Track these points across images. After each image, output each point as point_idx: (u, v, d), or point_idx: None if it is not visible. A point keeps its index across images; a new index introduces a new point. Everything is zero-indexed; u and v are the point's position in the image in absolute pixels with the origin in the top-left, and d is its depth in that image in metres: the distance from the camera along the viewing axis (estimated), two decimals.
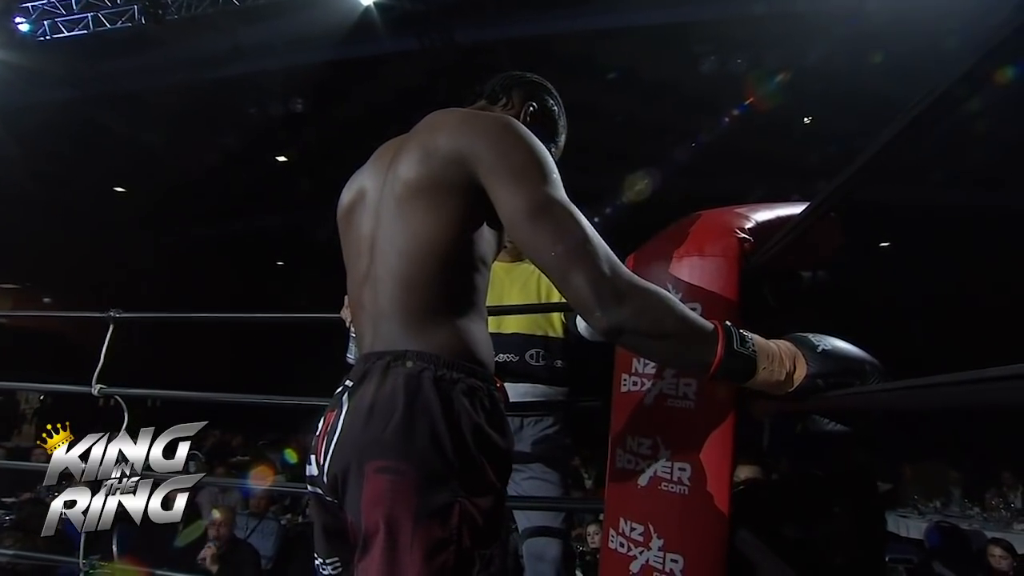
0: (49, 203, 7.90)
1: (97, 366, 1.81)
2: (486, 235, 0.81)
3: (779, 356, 0.76)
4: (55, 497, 1.45)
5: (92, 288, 8.21)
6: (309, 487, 0.82)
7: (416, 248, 0.76)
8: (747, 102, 5.81)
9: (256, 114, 6.60)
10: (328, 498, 0.77)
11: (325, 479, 0.76)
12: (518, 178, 0.74)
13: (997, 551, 3.15)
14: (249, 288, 10.11)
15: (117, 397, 1.81)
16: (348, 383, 0.79)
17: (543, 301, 1.71)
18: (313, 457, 0.80)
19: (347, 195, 0.93)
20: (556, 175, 0.78)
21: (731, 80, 5.68)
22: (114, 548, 2.97)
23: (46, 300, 10.08)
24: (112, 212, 8.67)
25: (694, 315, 0.75)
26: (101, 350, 1.86)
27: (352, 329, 1.43)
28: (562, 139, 1.13)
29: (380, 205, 0.83)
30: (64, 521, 3.78)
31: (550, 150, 0.87)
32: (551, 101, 1.09)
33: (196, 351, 7.88)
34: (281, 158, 8.05)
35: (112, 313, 1.90)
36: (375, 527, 0.68)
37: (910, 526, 4.78)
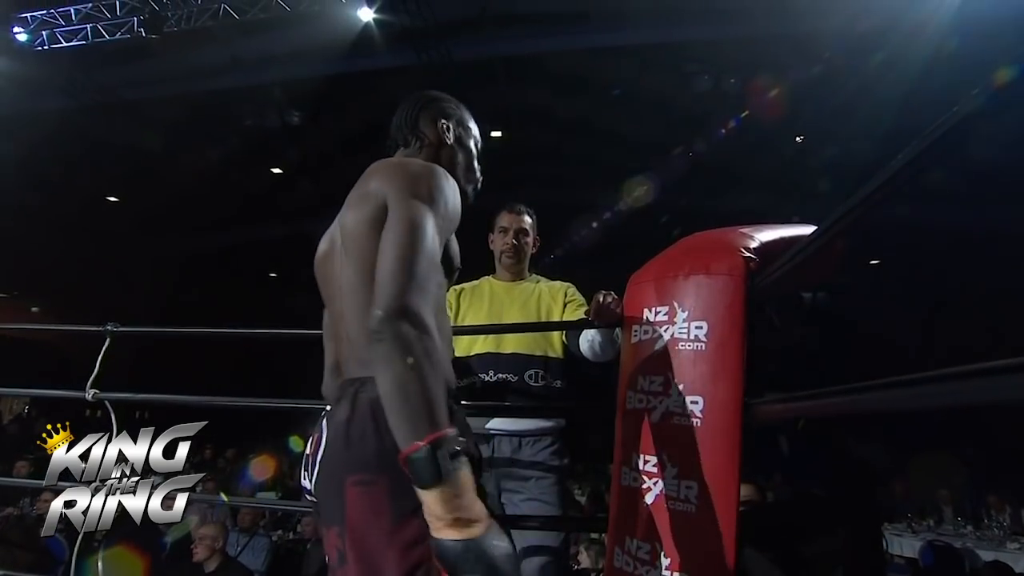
0: (42, 211, 7.84)
1: (91, 375, 1.79)
2: None
3: (468, 501, 0.70)
4: (37, 508, 1.43)
5: (83, 298, 8.12)
6: (308, 497, 0.93)
7: (362, 280, 0.86)
8: (740, 119, 5.91)
9: (253, 126, 6.61)
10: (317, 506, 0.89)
11: (314, 491, 0.88)
12: (401, 206, 0.85)
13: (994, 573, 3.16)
14: (241, 299, 10.04)
15: (107, 404, 1.79)
16: (327, 408, 0.92)
17: (543, 320, 1.71)
18: (304, 473, 0.92)
19: (321, 246, 1.03)
20: (438, 211, 0.87)
21: (724, 98, 5.77)
22: (99, 566, 2.91)
23: (34, 309, 9.95)
24: (105, 222, 8.60)
25: (441, 399, 0.73)
26: (94, 362, 1.84)
27: None
28: (474, 141, 1.17)
29: (338, 250, 0.95)
30: (49, 539, 3.69)
31: (472, 145, 1.14)
32: (456, 115, 1.15)
33: (188, 363, 7.80)
34: (276, 170, 8.05)
35: (109, 327, 1.88)
36: (355, 532, 0.78)
37: (904, 544, 4.78)
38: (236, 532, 3.54)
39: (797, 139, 6.39)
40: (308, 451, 0.92)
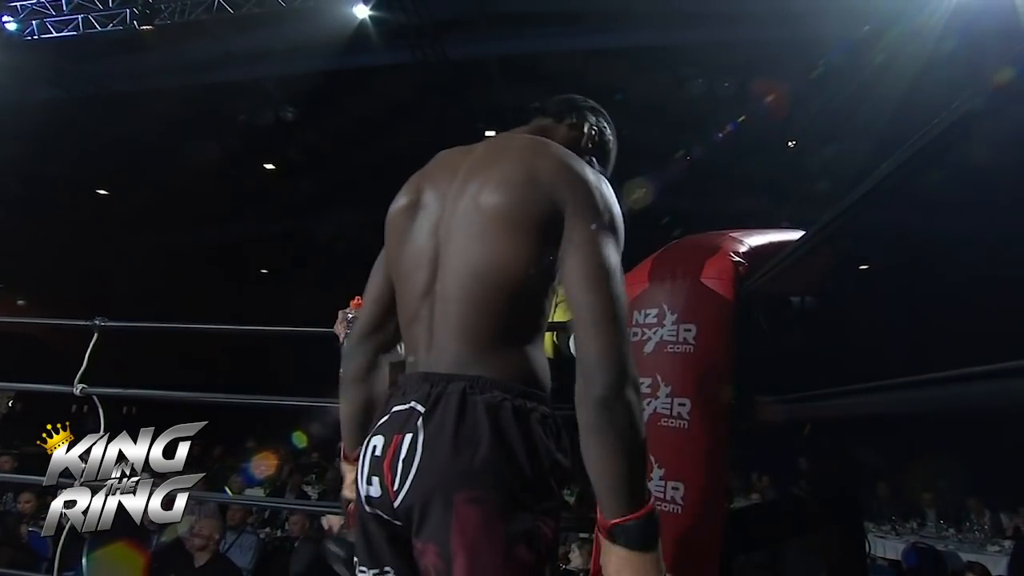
0: (30, 204, 7.75)
1: (80, 369, 1.78)
2: (554, 264, 0.82)
3: (659, 563, 0.73)
4: (19, 506, 1.43)
5: (71, 292, 8.03)
6: (366, 508, 0.81)
7: (494, 271, 0.78)
8: (736, 123, 5.95)
9: (246, 121, 6.57)
10: (395, 522, 0.78)
11: (396, 504, 0.76)
12: (591, 241, 0.77)
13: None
14: (234, 296, 9.97)
15: (95, 399, 1.78)
16: (416, 406, 0.78)
17: None
18: (376, 479, 0.79)
19: (403, 199, 0.91)
20: (620, 243, 0.81)
21: (718, 102, 5.81)
22: (84, 561, 2.88)
23: (20, 303, 9.82)
24: (95, 215, 8.51)
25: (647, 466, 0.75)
26: (80, 357, 1.82)
27: (346, 345, 1.43)
28: (612, 160, 1.12)
29: (452, 222, 0.82)
30: (32, 535, 3.64)
31: (605, 171, 1.01)
32: (608, 128, 1.10)
33: (178, 360, 7.73)
34: (269, 166, 8.00)
35: (97, 322, 1.87)
36: (466, 553, 0.71)
37: (887, 546, 4.84)
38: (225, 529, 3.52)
39: (789, 144, 6.44)
40: (379, 452, 0.79)
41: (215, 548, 2.59)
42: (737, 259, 1.14)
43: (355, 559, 0.86)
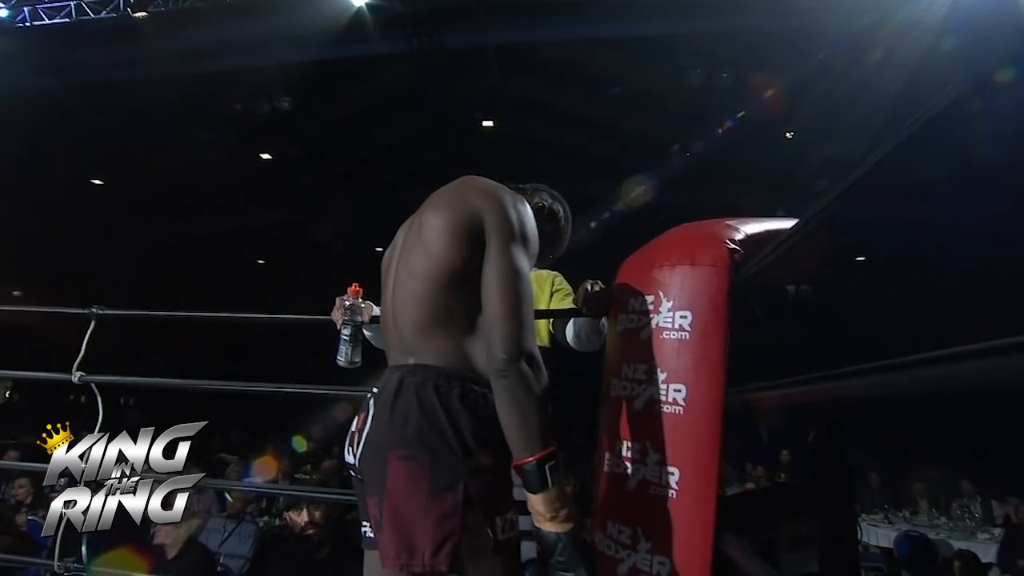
0: (24, 193, 7.69)
1: (76, 360, 1.78)
2: (479, 269, 0.99)
3: (564, 504, 0.88)
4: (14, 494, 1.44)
5: (66, 283, 8.00)
6: (351, 472, 1.03)
7: (428, 272, 0.96)
8: (733, 119, 5.93)
9: (242, 111, 6.52)
10: (360, 478, 0.99)
11: (358, 464, 0.97)
12: (504, 250, 0.95)
13: (959, 563, 3.27)
14: (229, 287, 9.94)
15: (93, 387, 1.78)
16: (375, 390, 1.00)
17: None
18: (350, 448, 1.01)
19: (387, 252, 1.14)
20: (531, 252, 1.00)
21: (717, 93, 5.79)
22: (83, 549, 2.89)
23: (16, 293, 9.78)
24: (90, 205, 8.46)
25: (548, 423, 0.90)
26: (75, 347, 1.82)
27: (343, 332, 1.44)
28: (559, 248, 1.40)
29: (404, 245, 1.05)
30: (31, 524, 3.63)
31: (546, 248, 1.27)
32: (562, 212, 1.37)
33: (175, 352, 7.72)
34: (266, 156, 7.96)
35: (94, 310, 1.87)
36: (392, 502, 0.87)
37: (879, 534, 4.90)
38: (224, 518, 3.53)
39: (787, 135, 6.43)
40: (354, 428, 1.01)
41: (183, 543, 2.58)
42: (733, 247, 1.15)
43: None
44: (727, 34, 5.30)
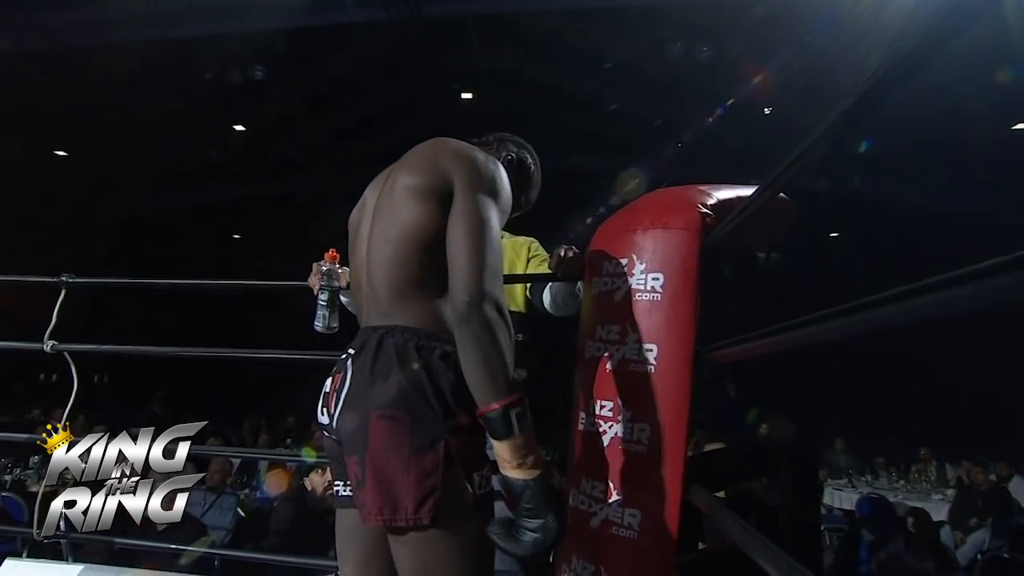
0: None
1: (48, 328, 1.75)
2: None
3: (530, 451, 0.86)
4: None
5: (29, 257, 7.73)
6: (325, 433, 1.04)
7: (402, 234, 0.96)
8: (724, 107, 5.93)
9: (213, 79, 6.29)
10: (335, 439, 1.00)
11: (335, 425, 0.98)
12: (472, 203, 0.95)
13: (912, 520, 3.47)
14: (204, 261, 9.73)
15: (66, 355, 1.76)
16: (351, 351, 1.00)
17: (506, 274, 1.73)
18: (325, 409, 1.01)
19: (355, 212, 1.14)
20: (503, 208, 1.00)
21: (698, 66, 5.78)
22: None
23: None
24: (53, 177, 8.14)
25: (511, 370, 0.88)
26: (47, 322, 1.79)
27: (320, 298, 1.44)
28: (533, 192, 1.45)
29: (377, 206, 1.04)
30: (5, 499, 3.59)
31: (519, 197, 1.34)
32: (529, 158, 1.42)
33: (146, 326, 7.57)
34: (239, 127, 7.73)
35: (64, 278, 1.83)
36: (375, 459, 0.89)
37: (843, 498, 5.16)
38: (204, 491, 3.54)
39: (765, 110, 6.47)
40: (328, 389, 1.01)
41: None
42: (705, 211, 1.18)
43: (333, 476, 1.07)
44: (707, 6, 5.27)
